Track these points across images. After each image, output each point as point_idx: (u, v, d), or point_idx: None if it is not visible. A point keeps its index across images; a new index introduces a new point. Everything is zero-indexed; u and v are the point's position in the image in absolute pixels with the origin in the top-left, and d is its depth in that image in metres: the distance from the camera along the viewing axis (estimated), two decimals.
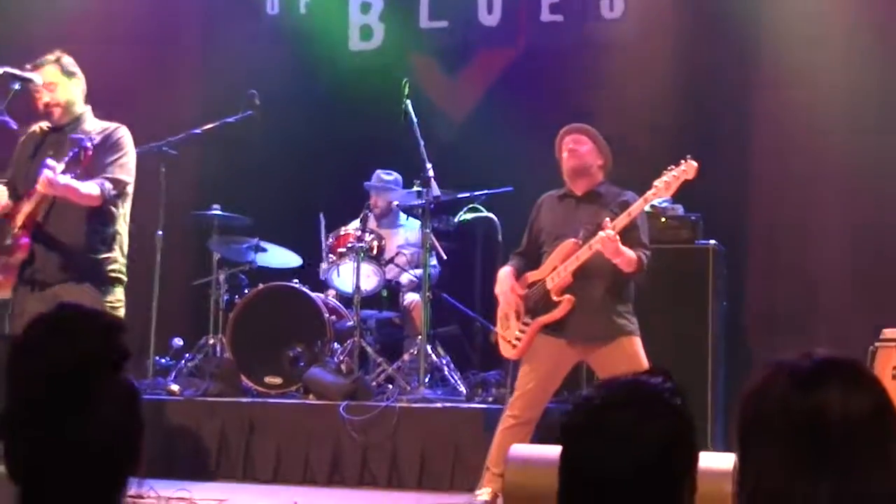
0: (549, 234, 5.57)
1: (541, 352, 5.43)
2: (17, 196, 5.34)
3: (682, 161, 5.29)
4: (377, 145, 8.00)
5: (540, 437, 5.43)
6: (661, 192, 5.32)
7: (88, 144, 5.04)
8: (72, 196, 5.14)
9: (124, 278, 5.40)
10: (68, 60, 5.39)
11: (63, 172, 5.04)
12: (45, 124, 5.45)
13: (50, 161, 5.06)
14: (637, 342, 5.39)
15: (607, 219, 5.28)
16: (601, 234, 5.21)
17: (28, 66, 5.34)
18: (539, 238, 5.64)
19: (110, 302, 5.27)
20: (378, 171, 7.71)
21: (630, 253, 5.26)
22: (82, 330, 1.74)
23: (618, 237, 5.18)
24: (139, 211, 7.02)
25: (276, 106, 7.54)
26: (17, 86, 5.25)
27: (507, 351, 5.59)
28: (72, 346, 1.71)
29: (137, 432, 1.75)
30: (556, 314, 5.37)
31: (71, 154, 5.04)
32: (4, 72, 5.24)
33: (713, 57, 7.65)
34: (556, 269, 5.41)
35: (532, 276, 5.56)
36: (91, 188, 5.17)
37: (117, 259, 5.36)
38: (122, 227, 5.40)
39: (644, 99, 7.77)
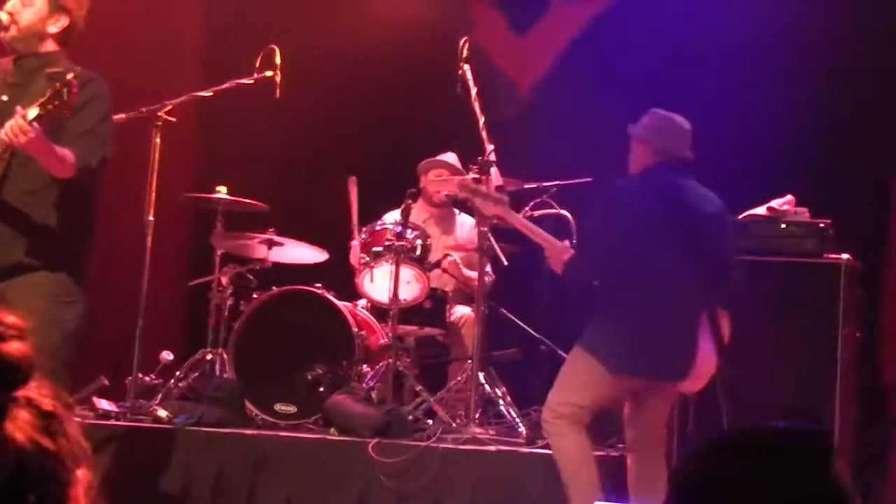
0: None
1: None
2: None
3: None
4: (422, 120, 8.13)
5: None
6: None
7: (72, 77, 4.88)
8: (44, 158, 5.00)
9: (89, 271, 5.32)
10: None
11: (37, 119, 4.85)
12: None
13: (20, 109, 4.92)
14: None
15: None
16: None
17: None
18: None
19: (73, 299, 5.16)
20: (449, 153, 7.72)
21: None
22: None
23: None
24: (125, 190, 6.95)
25: (299, 67, 7.47)
26: None
27: None
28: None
29: None
30: None
31: (49, 94, 4.87)
32: None
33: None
34: None
35: None
36: (68, 155, 5.06)
37: (88, 244, 5.32)
38: (95, 205, 5.35)
39: (759, 70, 7.80)
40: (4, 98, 5.16)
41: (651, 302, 5.51)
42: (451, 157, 7.75)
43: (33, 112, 4.86)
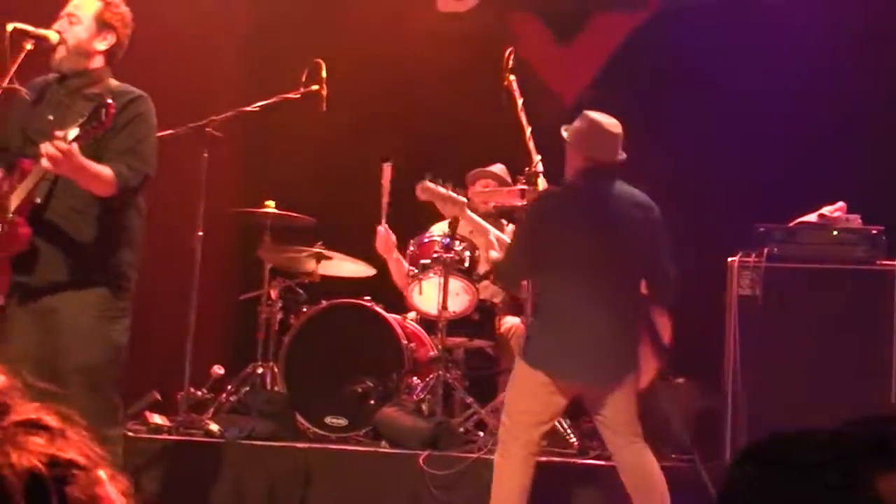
0: None
1: None
2: (8, 165, 5.26)
3: None
4: (470, 131, 7.99)
5: None
6: None
7: (110, 100, 4.93)
8: (82, 178, 5.04)
9: (133, 286, 5.35)
10: (117, 9, 5.38)
11: (76, 139, 4.89)
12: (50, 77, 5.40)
13: (58, 132, 4.93)
14: None
15: None
16: None
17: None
18: None
19: (118, 314, 5.21)
20: (498, 164, 7.68)
21: None
22: None
23: None
24: (174, 206, 6.97)
25: (345, 80, 7.49)
26: (29, 45, 5.20)
27: None
28: None
29: None
30: None
31: (88, 115, 4.91)
32: (14, 28, 5.16)
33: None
34: None
35: None
36: (106, 173, 5.08)
37: (131, 259, 5.33)
38: (138, 220, 5.38)
39: (807, 77, 7.69)
40: (50, 117, 5.19)
41: (581, 307, 5.52)
42: (498, 168, 7.68)
43: (73, 133, 4.89)
